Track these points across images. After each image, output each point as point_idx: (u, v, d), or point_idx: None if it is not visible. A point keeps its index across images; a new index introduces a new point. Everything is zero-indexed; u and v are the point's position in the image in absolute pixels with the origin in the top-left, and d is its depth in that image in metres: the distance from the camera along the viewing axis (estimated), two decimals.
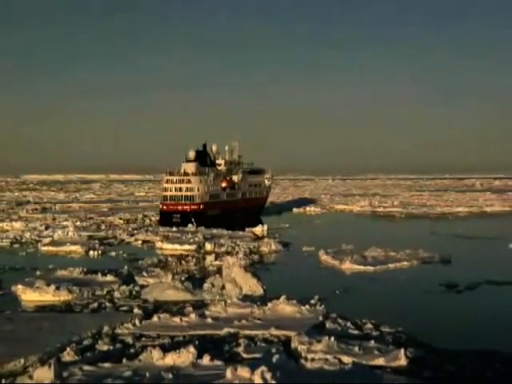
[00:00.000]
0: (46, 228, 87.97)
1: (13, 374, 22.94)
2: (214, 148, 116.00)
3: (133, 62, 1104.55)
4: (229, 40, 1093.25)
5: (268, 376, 18.29)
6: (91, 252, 62.92)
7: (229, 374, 19.84)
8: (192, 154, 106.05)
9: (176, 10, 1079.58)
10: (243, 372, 19.59)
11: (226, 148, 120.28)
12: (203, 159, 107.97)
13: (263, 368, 18.77)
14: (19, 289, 40.08)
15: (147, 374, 20.65)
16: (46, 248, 66.48)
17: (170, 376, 20.46)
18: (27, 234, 78.83)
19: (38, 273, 46.56)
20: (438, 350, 26.76)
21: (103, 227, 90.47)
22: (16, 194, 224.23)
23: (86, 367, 22.25)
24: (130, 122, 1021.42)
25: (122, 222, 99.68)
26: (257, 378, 18.36)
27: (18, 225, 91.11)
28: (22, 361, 24.41)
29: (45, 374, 20.51)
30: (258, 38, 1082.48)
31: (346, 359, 23.71)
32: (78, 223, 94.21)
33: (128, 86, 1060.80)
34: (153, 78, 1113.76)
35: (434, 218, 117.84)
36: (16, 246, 70.10)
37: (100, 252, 63.17)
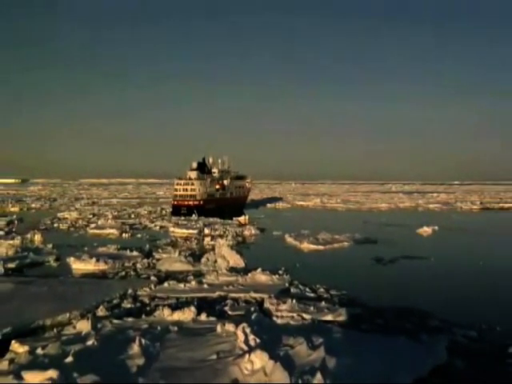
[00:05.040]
0: (93, 216, 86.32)
1: (60, 324, 21.67)
2: (211, 160, 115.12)
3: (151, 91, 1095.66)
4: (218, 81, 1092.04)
5: (248, 330, 17.18)
6: (123, 234, 61.08)
7: (219, 328, 18.78)
8: (194, 165, 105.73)
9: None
10: (229, 327, 18.56)
11: (219, 160, 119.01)
12: (202, 168, 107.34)
13: (244, 324, 17.68)
14: (71, 260, 38.70)
15: (159, 327, 19.44)
16: (92, 231, 64.70)
17: (176, 329, 19.30)
18: (80, 221, 77.33)
19: (85, 249, 45.03)
20: (370, 307, 25.73)
21: (133, 216, 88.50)
22: (75, 192, 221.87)
23: (115, 321, 21.05)
24: (152, 140, 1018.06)
25: (146, 212, 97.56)
26: (239, 332, 17.21)
27: (74, 214, 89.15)
28: (68, 315, 23.16)
29: (84, 325, 19.56)
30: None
31: (305, 316, 22.66)
32: (116, 213, 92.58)
33: (152, 112, 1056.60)
34: (171, 105, 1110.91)
35: (365, 211, 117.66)
36: (72, 229, 68.05)
37: (130, 234, 61.34)
